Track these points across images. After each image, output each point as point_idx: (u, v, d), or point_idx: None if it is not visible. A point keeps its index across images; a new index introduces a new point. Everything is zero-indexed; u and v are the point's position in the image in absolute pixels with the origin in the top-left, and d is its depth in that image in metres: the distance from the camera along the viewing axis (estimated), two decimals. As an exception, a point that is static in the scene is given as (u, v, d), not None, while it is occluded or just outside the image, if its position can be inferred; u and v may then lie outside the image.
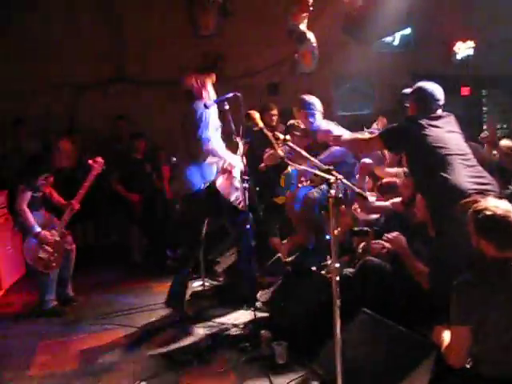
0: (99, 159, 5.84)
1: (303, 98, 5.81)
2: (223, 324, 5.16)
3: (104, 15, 9.01)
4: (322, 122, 5.73)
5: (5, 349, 4.97)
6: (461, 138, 4.00)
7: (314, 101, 5.78)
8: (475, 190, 3.58)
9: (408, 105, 4.31)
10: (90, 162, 5.83)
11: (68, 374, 4.32)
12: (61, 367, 4.45)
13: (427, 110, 4.05)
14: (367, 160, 5.22)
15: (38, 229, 5.62)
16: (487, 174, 3.82)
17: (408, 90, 4.48)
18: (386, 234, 4.14)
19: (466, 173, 3.72)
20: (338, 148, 5.31)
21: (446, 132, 3.93)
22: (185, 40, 9.22)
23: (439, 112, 4.08)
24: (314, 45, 7.65)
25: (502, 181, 5.23)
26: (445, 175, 3.70)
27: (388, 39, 10.36)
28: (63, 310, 5.81)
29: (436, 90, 4.11)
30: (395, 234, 4.11)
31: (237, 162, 5.06)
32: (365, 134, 4.87)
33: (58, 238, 5.72)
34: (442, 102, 4.10)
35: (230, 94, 4.71)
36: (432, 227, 3.98)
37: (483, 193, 3.53)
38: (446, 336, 2.92)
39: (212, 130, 4.89)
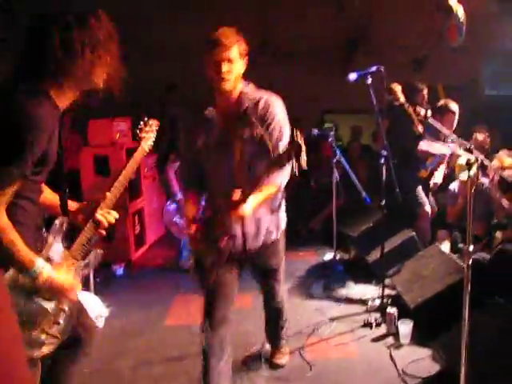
0: None
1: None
2: (350, 298, 5.20)
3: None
4: None
5: (147, 299, 5.39)
6: None
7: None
8: None
9: None
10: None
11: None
12: (194, 321, 4.70)
13: None
14: None
15: (180, 196, 5.96)
16: None
17: None
18: None
19: None
20: None
21: None
22: (328, 13, 9.15)
23: None
24: (462, 19, 7.26)
25: None
26: None
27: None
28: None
29: None
30: None
31: None
32: None
33: None
34: None
35: (373, 68, 4.60)
36: None
37: None
38: None
39: None
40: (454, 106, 5.57)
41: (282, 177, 2.90)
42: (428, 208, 5.92)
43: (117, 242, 6.17)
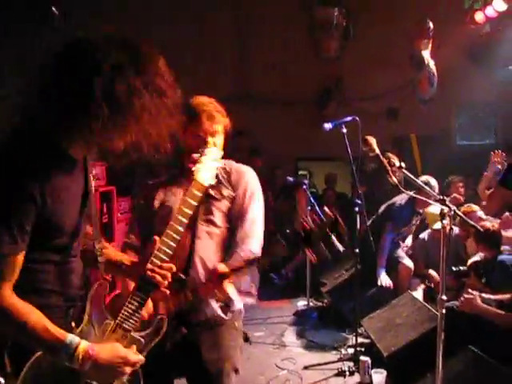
0: None
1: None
2: (324, 346, 5.18)
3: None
4: None
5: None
6: None
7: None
8: None
9: None
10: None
11: None
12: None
13: None
14: None
15: None
16: None
17: None
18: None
19: None
20: None
21: None
22: (306, 61, 9.40)
23: None
24: (433, 72, 7.49)
25: None
26: None
27: (514, 68, 9.93)
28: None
29: None
30: (466, 295, 4.06)
31: None
32: None
33: None
34: None
35: (349, 118, 4.68)
36: None
37: None
38: None
39: None
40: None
41: (256, 244, 2.52)
42: (407, 262, 5.99)
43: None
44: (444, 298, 2.92)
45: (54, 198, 1.68)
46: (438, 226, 3.35)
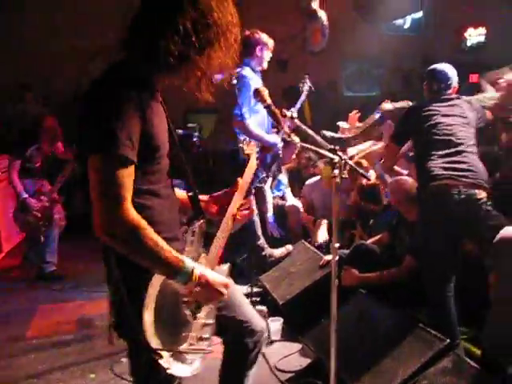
0: None
1: None
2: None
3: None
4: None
5: (4, 312, 5.03)
6: (460, 121, 3.84)
7: None
8: (447, 176, 3.55)
9: (424, 87, 4.22)
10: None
11: (65, 338, 4.36)
12: (58, 332, 4.49)
13: (438, 92, 4.01)
14: None
15: (25, 195, 5.88)
16: (473, 161, 3.67)
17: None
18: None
19: (445, 158, 3.66)
20: None
21: (446, 116, 3.84)
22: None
23: (448, 93, 4.02)
24: (325, 23, 7.56)
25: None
26: (426, 159, 3.71)
27: (399, 22, 10.25)
28: (62, 275, 5.90)
29: (447, 70, 4.07)
30: (346, 270, 4.21)
31: None
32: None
33: (46, 204, 5.92)
34: (453, 83, 4.05)
35: (238, 69, 4.65)
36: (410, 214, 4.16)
37: (456, 179, 3.52)
38: None
39: None
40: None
41: None
42: (293, 201, 6.12)
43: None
44: (337, 245, 2.98)
45: (152, 120, 1.84)
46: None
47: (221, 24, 1.88)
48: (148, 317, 1.77)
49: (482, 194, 3.55)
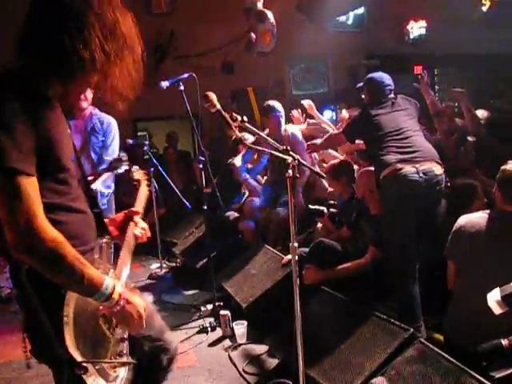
0: None
1: (269, 103, 5.79)
2: (182, 306, 5.17)
3: None
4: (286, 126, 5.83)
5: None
6: (401, 114, 4.12)
7: (278, 104, 5.78)
8: (398, 159, 3.78)
9: (363, 96, 4.48)
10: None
11: (24, 362, 4.24)
12: (16, 356, 4.36)
13: (378, 98, 4.24)
14: None
15: None
16: (419, 142, 3.97)
17: (361, 84, 4.58)
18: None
19: (393, 147, 3.90)
20: None
21: (387, 114, 4.09)
22: (136, 18, 9.04)
23: (389, 96, 4.24)
24: (273, 23, 7.55)
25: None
26: (377, 153, 3.94)
27: (342, 18, 10.35)
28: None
29: (384, 78, 4.31)
30: (308, 268, 4.24)
31: None
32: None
33: None
34: (390, 87, 4.28)
35: (185, 75, 4.61)
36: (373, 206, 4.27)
37: (409, 161, 3.77)
38: None
39: None
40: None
41: None
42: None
43: None
44: (296, 245, 2.98)
45: (49, 130, 1.75)
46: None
47: (123, 34, 1.92)
48: (69, 332, 1.72)
49: (439, 170, 3.83)
